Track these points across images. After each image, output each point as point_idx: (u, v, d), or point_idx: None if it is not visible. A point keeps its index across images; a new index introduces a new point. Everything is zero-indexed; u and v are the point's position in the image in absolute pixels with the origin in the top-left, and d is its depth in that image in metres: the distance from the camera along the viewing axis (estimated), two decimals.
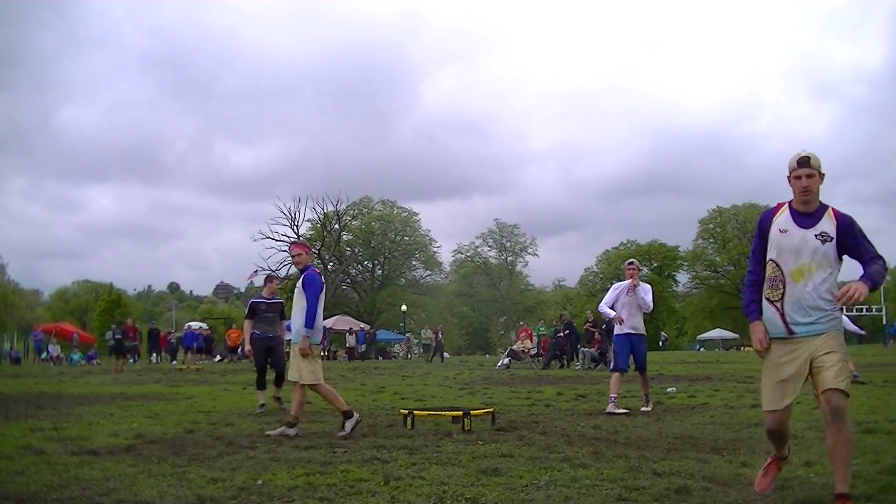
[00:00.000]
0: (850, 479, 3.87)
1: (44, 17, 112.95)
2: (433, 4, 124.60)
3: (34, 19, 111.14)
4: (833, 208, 4.01)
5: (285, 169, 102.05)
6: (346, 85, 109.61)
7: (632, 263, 9.87)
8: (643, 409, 9.18)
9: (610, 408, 8.91)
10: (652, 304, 9.40)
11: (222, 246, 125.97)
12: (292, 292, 7.44)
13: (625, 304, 9.35)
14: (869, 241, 3.98)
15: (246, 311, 10.07)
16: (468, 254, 75.22)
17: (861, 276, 3.88)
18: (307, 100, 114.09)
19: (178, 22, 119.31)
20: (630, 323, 9.29)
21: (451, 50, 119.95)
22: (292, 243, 7.57)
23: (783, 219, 4.05)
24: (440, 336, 32.58)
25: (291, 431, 7.00)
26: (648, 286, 9.55)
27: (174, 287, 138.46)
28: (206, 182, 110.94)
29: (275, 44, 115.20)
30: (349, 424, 7.00)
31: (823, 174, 4.00)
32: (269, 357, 9.82)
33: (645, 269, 66.44)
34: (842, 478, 3.78)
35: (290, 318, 7.85)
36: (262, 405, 9.47)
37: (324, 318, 7.61)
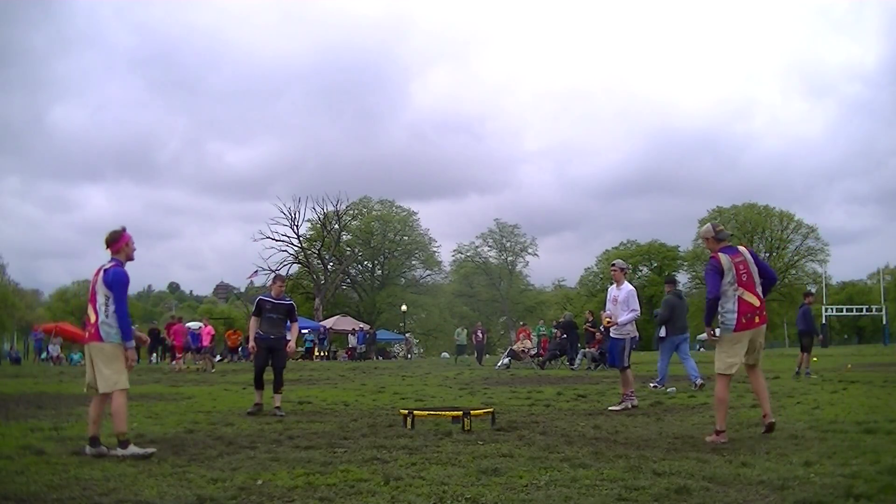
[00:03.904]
0: None
1: (31, 16, 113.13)
2: (421, 4, 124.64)
3: (22, 19, 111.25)
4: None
5: (279, 168, 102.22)
6: (336, 84, 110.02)
7: (613, 265, 10.10)
8: (609, 407, 9.39)
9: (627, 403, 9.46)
10: (629, 306, 9.68)
11: (219, 246, 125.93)
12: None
13: (611, 311, 9.84)
14: None
15: (252, 308, 10.06)
16: (468, 254, 75.10)
17: None
18: (297, 99, 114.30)
19: (165, 21, 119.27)
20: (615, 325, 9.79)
21: (441, 50, 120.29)
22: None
23: None
24: (480, 335, 30.03)
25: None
26: (629, 288, 9.81)
27: (174, 287, 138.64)
28: (201, 181, 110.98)
29: (263, 43, 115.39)
30: None
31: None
32: (271, 358, 9.70)
33: (645, 269, 66.35)
34: None
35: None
36: (258, 404, 9.41)
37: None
